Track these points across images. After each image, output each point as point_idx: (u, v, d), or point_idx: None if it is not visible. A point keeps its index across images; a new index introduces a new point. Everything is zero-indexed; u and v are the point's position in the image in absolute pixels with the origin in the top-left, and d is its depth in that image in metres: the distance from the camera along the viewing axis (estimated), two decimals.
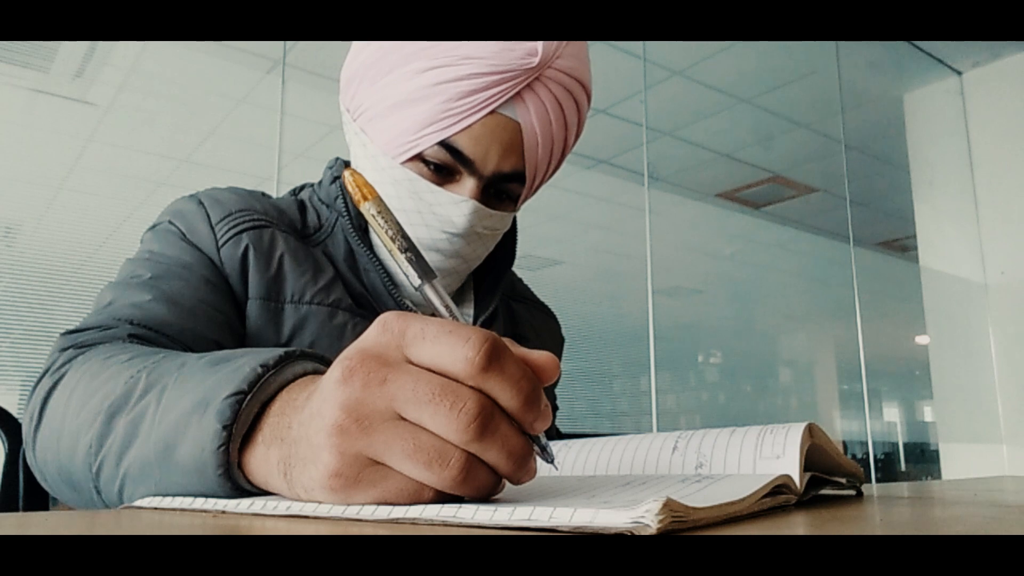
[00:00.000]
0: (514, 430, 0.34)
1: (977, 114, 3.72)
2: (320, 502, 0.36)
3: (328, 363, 0.44)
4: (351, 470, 0.34)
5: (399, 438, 0.33)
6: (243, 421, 0.40)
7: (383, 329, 0.35)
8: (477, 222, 0.66)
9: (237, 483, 0.40)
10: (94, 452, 0.47)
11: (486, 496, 0.35)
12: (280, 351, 0.42)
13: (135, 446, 0.45)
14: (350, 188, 0.42)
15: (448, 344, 0.33)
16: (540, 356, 0.37)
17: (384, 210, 0.41)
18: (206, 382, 0.42)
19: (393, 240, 0.41)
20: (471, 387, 0.33)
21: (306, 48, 2.55)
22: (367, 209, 0.41)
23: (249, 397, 0.40)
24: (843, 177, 4.04)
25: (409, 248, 0.41)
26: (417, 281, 0.40)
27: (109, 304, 0.63)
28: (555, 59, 0.62)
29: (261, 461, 0.39)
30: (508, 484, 0.37)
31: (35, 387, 0.57)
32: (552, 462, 0.37)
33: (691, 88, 3.49)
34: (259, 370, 0.41)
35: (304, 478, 0.36)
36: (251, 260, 0.68)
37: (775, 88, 3.66)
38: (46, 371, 0.57)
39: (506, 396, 0.34)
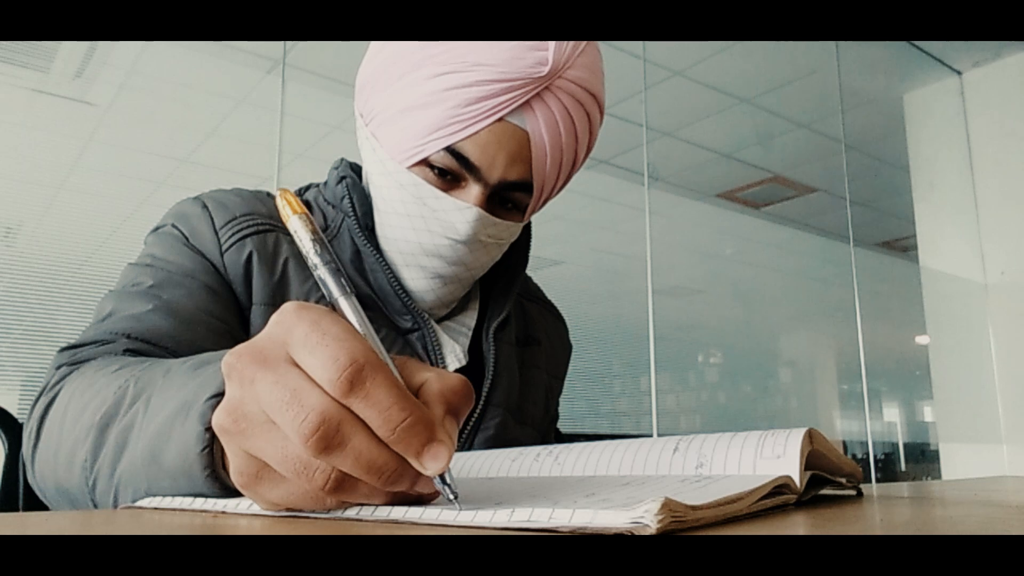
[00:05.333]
0: (373, 443, 0.32)
1: (977, 114, 3.71)
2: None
3: None
4: (248, 469, 0.34)
5: (270, 444, 0.33)
6: None
7: (275, 323, 0.35)
8: (481, 230, 0.66)
9: (224, 483, 0.40)
10: (89, 466, 0.48)
11: (403, 500, 0.34)
12: None
13: (126, 455, 0.45)
14: (278, 205, 0.42)
15: (320, 359, 0.32)
16: (450, 380, 0.36)
17: (311, 227, 0.40)
18: (188, 386, 0.43)
19: (317, 253, 0.40)
20: (322, 392, 0.32)
21: (306, 48, 2.55)
22: (292, 225, 0.40)
23: None
24: (843, 177, 4.04)
25: (331, 261, 0.39)
26: (334, 294, 0.39)
27: (108, 316, 0.63)
28: (566, 69, 0.61)
29: None
30: (501, 483, 0.37)
31: (32, 407, 0.57)
32: (455, 500, 0.33)
33: (691, 88, 3.49)
34: None
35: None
36: (255, 266, 0.68)
37: (775, 88, 3.66)
38: (42, 391, 0.58)
39: (373, 423, 0.32)
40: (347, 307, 0.38)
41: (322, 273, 0.39)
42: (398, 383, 0.33)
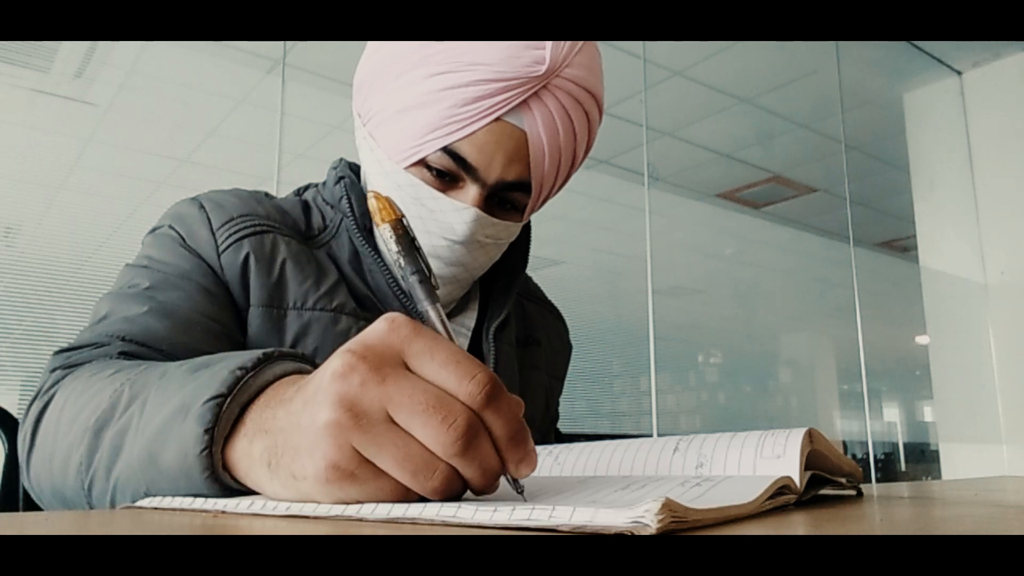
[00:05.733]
0: (492, 449, 0.36)
1: (977, 114, 3.71)
2: (302, 498, 0.36)
3: (310, 363, 0.45)
4: (348, 464, 0.35)
5: (391, 444, 0.35)
6: (224, 424, 0.40)
7: (390, 329, 0.36)
8: (478, 230, 0.65)
9: (224, 483, 0.40)
10: (84, 468, 0.48)
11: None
12: (259, 353, 0.42)
13: (122, 457, 0.45)
14: (371, 209, 0.44)
15: (455, 374, 0.35)
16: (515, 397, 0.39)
17: (400, 234, 0.43)
18: (185, 388, 0.43)
19: (403, 264, 0.43)
20: (463, 404, 0.35)
21: (306, 48, 2.55)
22: (382, 232, 0.43)
23: (229, 400, 0.40)
24: (843, 177, 4.04)
25: (417, 271, 0.42)
26: (422, 303, 0.42)
27: (104, 318, 0.63)
28: (563, 68, 0.61)
29: (243, 455, 0.40)
30: (501, 483, 0.38)
31: (27, 411, 0.57)
32: (521, 493, 0.38)
33: (691, 88, 3.49)
34: (238, 373, 0.41)
35: (296, 466, 0.36)
36: (252, 267, 0.67)
37: (775, 88, 3.66)
38: (37, 394, 0.58)
39: (498, 431, 0.36)
40: (434, 316, 0.41)
41: (412, 280, 0.42)
42: (513, 397, 0.37)
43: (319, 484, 0.35)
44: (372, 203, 0.44)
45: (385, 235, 0.43)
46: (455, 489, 0.36)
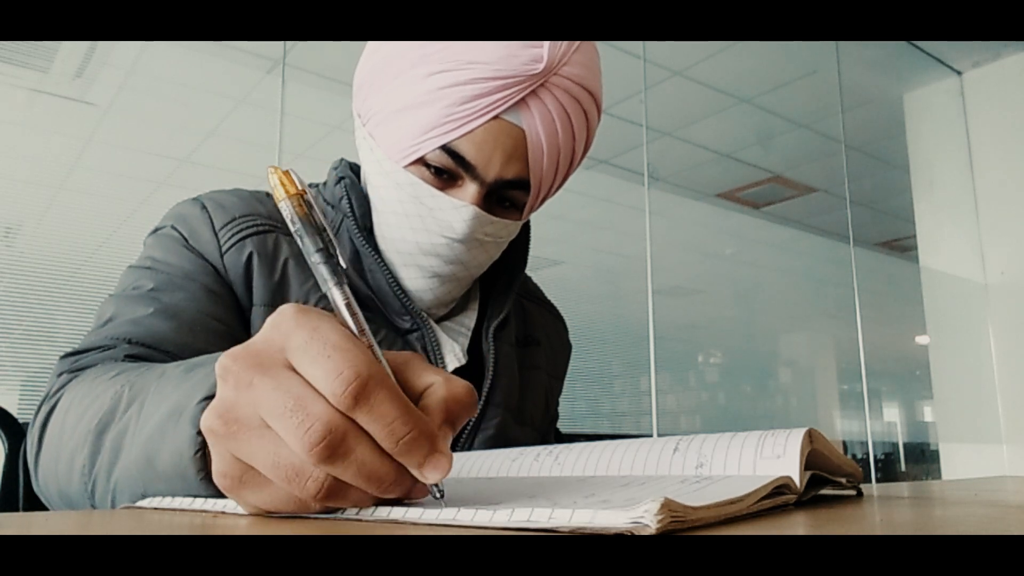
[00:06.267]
0: (376, 453, 0.32)
1: (977, 114, 3.72)
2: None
3: None
4: (233, 471, 0.34)
5: (262, 449, 0.33)
6: None
7: (272, 327, 0.35)
8: (477, 228, 0.66)
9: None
10: (87, 471, 0.48)
11: (385, 500, 0.34)
12: None
13: (121, 460, 0.45)
14: (270, 185, 0.40)
15: (323, 370, 0.32)
16: (455, 388, 0.35)
17: (301, 211, 0.39)
18: (180, 389, 0.43)
19: (305, 243, 0.39)
20: (327, 404, 0.32)
21: (306, 48, 2.55)
22: (282, 208, 0.39)
23: None
24: (843, 177, 4.04)
25: (320, 249, 0.38)
26: (326, 284, 0.37)
27: (109, 321, 0.63)
28: (561, 66, 0.61)
29: None
30: (501, 483, 0.37)
31: (35, 415, 0.58)
32: (441, 498, 0.34)
33: (691, 88, 3.49)
34: None
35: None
36: (255, 267, 0.68)
37: (775, 88, 3.66)
38: (44, 398, 0.58)
39: (377, 436, 0.32)
40: (339, 298, 0.37)
41: (314, 260, 0.38)
42: (400, 395, 0.33)
43: (224, 492, 0.35)
44: (271, 178, 0.40)
45: (285, 212, 0.39)
46: (353, 496, 0.33)
